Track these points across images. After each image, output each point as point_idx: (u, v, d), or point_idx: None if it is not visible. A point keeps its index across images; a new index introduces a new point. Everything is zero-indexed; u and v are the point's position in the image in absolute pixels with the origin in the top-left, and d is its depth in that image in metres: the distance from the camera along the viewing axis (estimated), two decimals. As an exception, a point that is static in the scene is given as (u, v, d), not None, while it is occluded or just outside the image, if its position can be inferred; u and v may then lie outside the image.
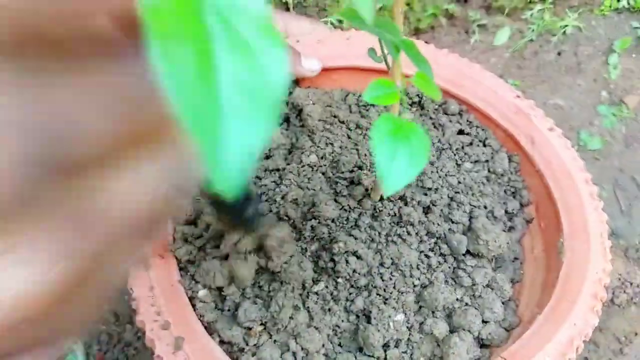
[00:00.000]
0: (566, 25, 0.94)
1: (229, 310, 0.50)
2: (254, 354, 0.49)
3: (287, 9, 0.86)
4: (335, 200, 0.53)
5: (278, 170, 0.57)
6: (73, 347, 0.68)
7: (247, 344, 0.48)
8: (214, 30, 0.16)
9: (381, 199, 0.54)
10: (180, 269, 0.51)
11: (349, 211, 0.53)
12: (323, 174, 0.56)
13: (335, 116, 0.61)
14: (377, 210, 0.53)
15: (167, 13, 0.15)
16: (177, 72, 0.15)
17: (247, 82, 0.16)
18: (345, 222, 0.52)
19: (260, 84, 0.16)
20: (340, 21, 0.88)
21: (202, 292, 0.50)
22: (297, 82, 0.64)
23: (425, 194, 0.55)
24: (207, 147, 0.15)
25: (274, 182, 0.56)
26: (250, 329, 0.49)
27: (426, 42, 0.67)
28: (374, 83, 0.27)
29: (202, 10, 0.16)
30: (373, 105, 0.63)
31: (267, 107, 0.16)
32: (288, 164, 0.57)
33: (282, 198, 0.54)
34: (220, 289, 0.51)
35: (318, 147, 0.58)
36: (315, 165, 0.57)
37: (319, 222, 0.52)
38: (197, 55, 0.15)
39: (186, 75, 0.15)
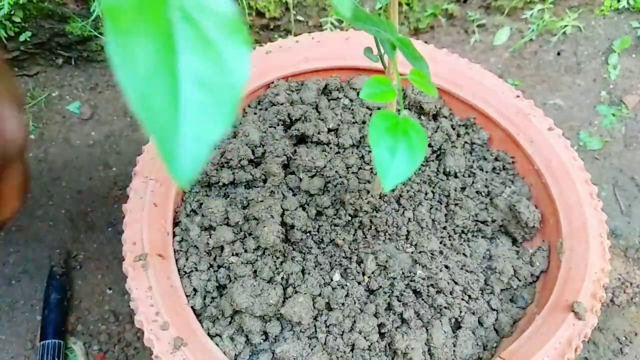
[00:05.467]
0: (566, 25, 0.94)
1: None
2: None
3: (287, 9, 0.86)
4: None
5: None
6: (73, 346, 0.68)
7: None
8: (177, 28, 0.16)
9: (381, 196, 0.54)
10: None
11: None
12: None
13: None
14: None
15: (129, 8, 0.15)
16: (135, 66, 0.15)
17: (208, 78, 0.16)
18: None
19: (221, 81, 0.16)
20: (340, 21, 0.88)
21: None
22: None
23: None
24: (162, 139, 0.15)
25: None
26: None
27: (426, 42, 0.67)
28: (370, 80, 0.27)
29: (167, 7, 0.16)
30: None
31: (226, 103, 0.16)
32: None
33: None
34: None
35: None
36: None
37: None
38: (159, 50, 0.16)
39: (145, 69, 0.15)
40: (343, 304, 0.49)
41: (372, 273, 0.51)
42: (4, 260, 0.75)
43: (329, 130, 0.60)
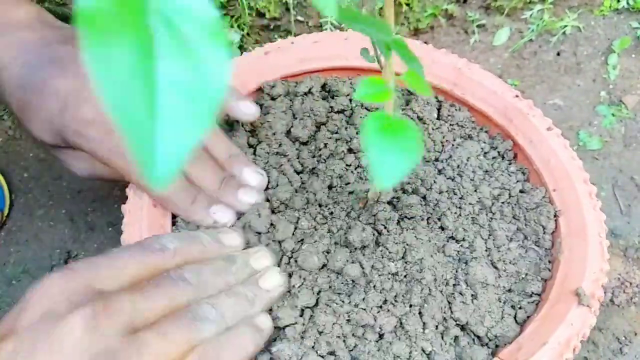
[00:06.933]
0: (565, 26, 0.94)
1: None
2: None
3: (287, 9, 0.86)
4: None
5: None
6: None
7: None
8: (156, 32, 0.16)
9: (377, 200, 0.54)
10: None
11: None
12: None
13: None
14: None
15: (107, 13, 0.15)
16: (112, 72, 0.15)
17: (187, 83, 0.16)
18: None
19: (200, 86, 0.16)
20: (340, 21, 0.88)
21: None
22: None
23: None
24: (139, 145, 0.15)
25: None
26: None
27: (425, 42, 0.67)
28: (365, 81, 0.27)
29: (145, 11, 0.15)
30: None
31: (205, 108, 0.16)
32: None
33: None
34: None
35: None
36: None
37: None
38: (137, 55, 0.15)
39: (122, 75, 0.15)
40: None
41: None
42: (4, 260, 0.76)
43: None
